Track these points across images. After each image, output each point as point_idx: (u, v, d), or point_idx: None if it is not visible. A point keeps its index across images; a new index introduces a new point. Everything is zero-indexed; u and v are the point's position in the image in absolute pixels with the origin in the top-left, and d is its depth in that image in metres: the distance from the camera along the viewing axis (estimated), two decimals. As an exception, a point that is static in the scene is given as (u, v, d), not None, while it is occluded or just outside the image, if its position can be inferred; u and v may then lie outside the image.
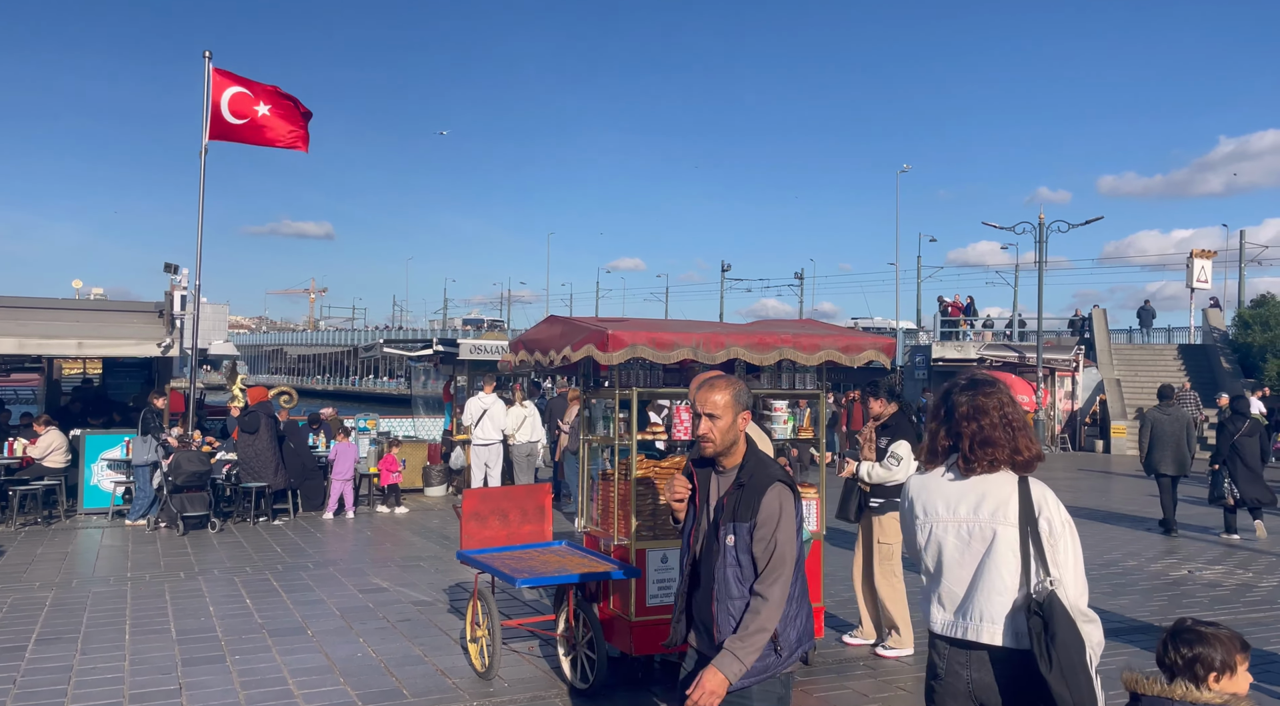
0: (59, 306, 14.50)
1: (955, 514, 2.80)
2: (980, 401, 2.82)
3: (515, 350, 6.96)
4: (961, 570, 2.78)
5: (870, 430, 6.59)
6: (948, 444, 2.86)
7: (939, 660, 2.81)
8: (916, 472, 3.00)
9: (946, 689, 2.78)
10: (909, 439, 6.46)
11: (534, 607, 7.55)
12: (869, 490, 6.45)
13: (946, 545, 2.80)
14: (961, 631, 2.75)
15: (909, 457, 6.33)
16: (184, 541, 10.50)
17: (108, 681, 5.64)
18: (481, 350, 15.50)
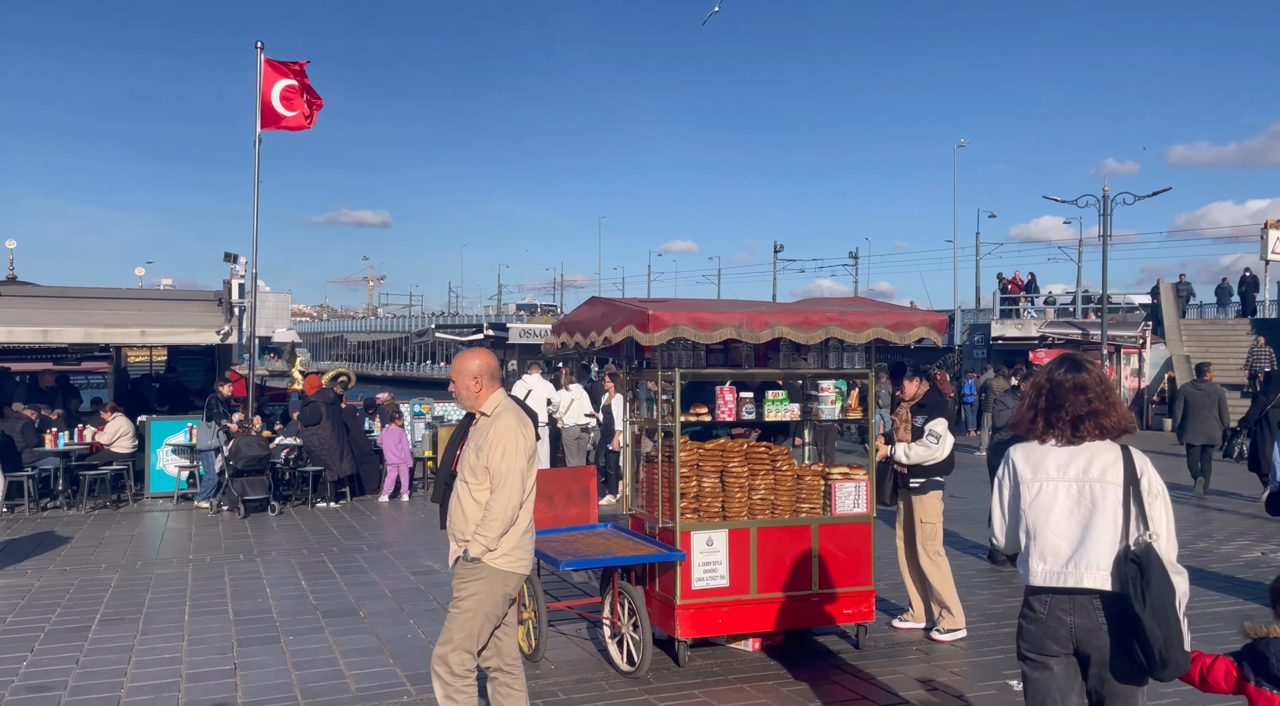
0: (124, 296, 14.92)
1: (1066, 474, 3.15)
2: (1083, 378, 3.22)
3: (558, 333, 6.92)
4: (1071, 525, 3.11)
5: (906, 410, 6.42)
6: (1054, 416, 3.20)
7: (1040, 608, 3.12)
8: (1013, 441, 3.32)
9: (1047, 632, 3.11)
10: (946, 416, 6.28)
11: (582, 590, 7.55)
12: (906, 471, 6.29)
13: (1057, 503, 3.14)
14: (1073, 580, 3.07)
15: (948, 434, 6.15)
16: (244, 524, 10.75)
17: (165, 661, 5.78)
18: (531, 334, 15.63)
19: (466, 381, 4.15)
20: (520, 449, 4.01)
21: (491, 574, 4.02)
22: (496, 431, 4.01)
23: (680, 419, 5.77)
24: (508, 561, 4.04)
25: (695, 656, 5.80)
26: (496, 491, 3.97)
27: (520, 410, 4.22)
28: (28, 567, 8.43)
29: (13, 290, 14.34)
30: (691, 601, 5.62)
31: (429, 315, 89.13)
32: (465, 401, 4.19)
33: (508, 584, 4.06)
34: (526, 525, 4.13)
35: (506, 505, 3.96)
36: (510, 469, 3.96)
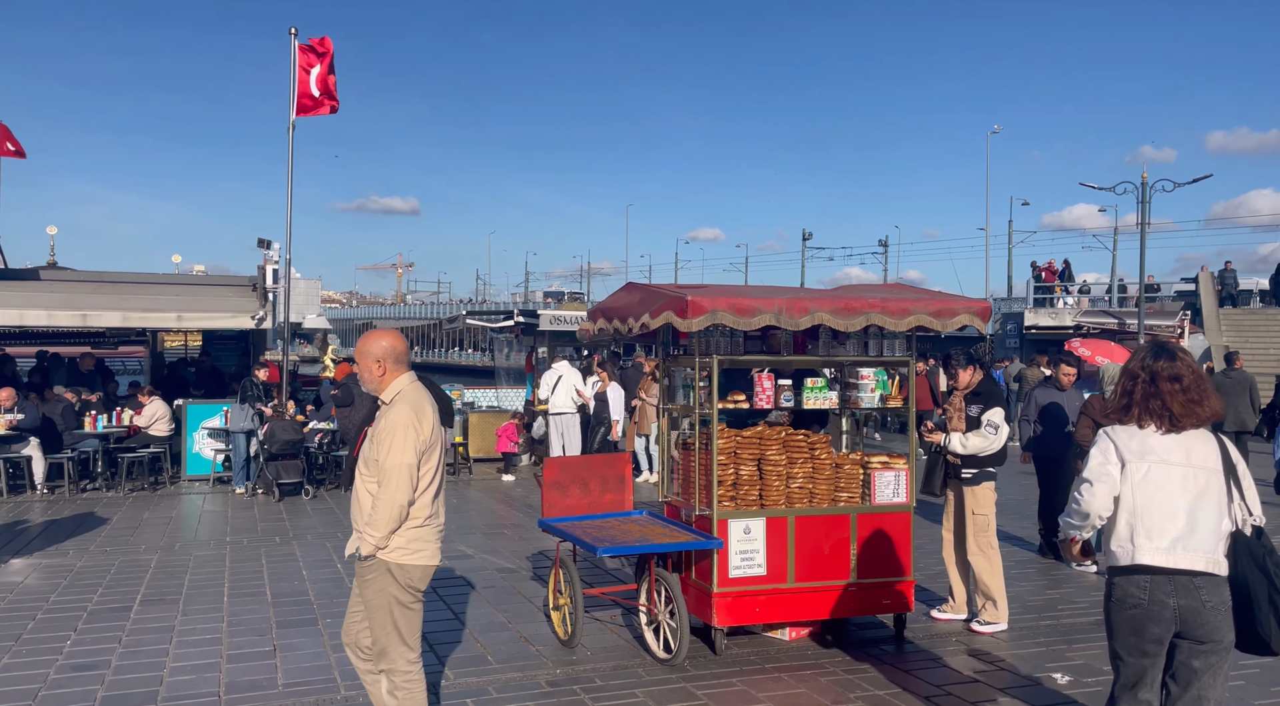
0: (160, 281, 15.11)
1: (1172, 458, 3.24)
2: (1178, 367, 3.30)
3: (593, 319, 6.88)
4: (1180, 508, 3.20)
5: (959, 399, 6.31)
6: (1152, 404, 3.29)
7: (1138, 593, 3.22)
8: (1106, 426, 3.40)
9: (1150, 616, 3.21)
10: (1002, 405, 6.17)
11: (616, 576, 7.54)
12: (958, 461, 6.20)
13: (1168, 485, 3.22)
14: (1185, 562, 3.17)
15: (1004, 425, 6.05)
16: (279, 507, 10.85)
17: (206, 642, 5.84)
18: (561, 321, 15.56)
19: (369, 364, 3.90)
20: (409, 443, 3.71)
21: (389, 568, 3.80)
22: (387, 422, 3.78)
23: (718, 406, 5.72)
24: (404, 554, 3.80)
25: (732, 644, 5.77)
26: (382, 488, 3.72)
27: (422, 398, 3.89)
28: (69, 548, 8.56)
29: (53, 275, 14.55)
30: (729, 589, 5.58)
31: (457, 302, 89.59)
32: (368, 386, 3.96)
33: (408, 575, 3.83)
34: (428, 516, 3.86)
35: (392, 503, 3.70)
36: (396, 465, 3.70)
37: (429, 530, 3.87)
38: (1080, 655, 5.66)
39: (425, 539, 3.85)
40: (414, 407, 3.79)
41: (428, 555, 3.88)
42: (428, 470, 3.82)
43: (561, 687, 5.10)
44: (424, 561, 3.86)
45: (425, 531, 3.84)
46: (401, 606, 3.84)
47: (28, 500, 11.15)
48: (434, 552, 3.92)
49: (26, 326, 13.09)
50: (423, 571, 3.87)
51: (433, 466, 3.85)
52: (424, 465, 3.79)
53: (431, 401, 3.91)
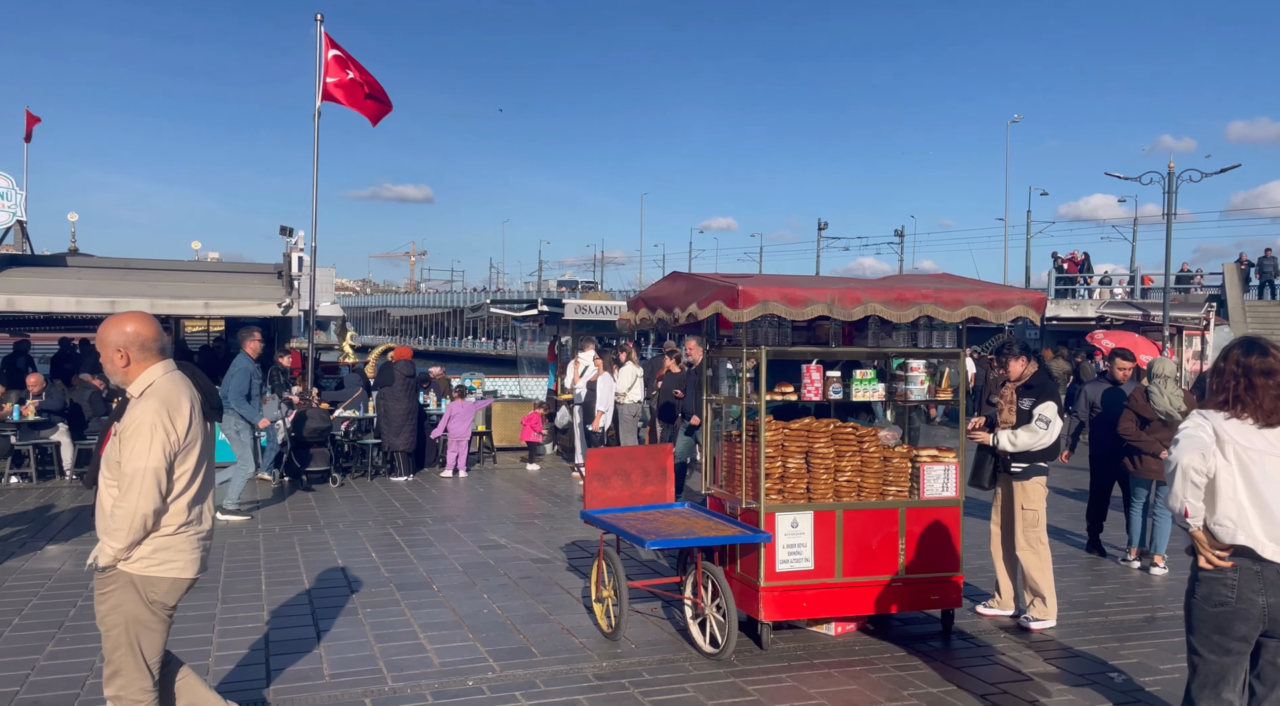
0: (184, 268, 15.11)
1: (1271, 451, 3.21)
2: (1270, 362, 3.26)
3: (635, 308, 6.81)
4: (1275, 501, 3.17)
5: (1011, 392, 6.21)
6: (1250, 398, 3.24)
7: (1225, 590, 3.18)
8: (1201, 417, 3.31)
9: (1238, 614, 3.17)
10: (1055, 398, 6.07)
11: (651, 568, 7.49)
12: (1009, 454, 6.10)
13: (1267, 478, 3.18)
14: None
15: (1058, 419, 5.94)
16: (308, 495, 10.84)
17: (248, 630, 5.82)
18: (586, 310, 15.47)
19: (109, 354, 3.43)
20: (155, 444, 3.26)
21: (131, 581, 3.39)
22: (131, 420, 3.31)
23: (766, 397, 5.64)
24: (148, 565, 3.38)
25: (778, 639, 5.70)
26: (123, 495, 3.28)
27: (177, 391, 3.42)
28: (103, 534, 8.56)
29: (78, 261, 14.56)
30: (775, 584, 5.51)
31: (471, 290, 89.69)
32: (114, 378, 3.49)
33: (153, 590, 3.41)
34: (182, 524, 3.44)
35: (134, 512, 3.27)
36: (140, 469, 3.25)
37: (183, 539, 3.44)
38: (1134, 652, 5.57)
39: (178, 549, 3.42)
40: (165, 402, 3.34)
41: (179, 567, 3.44)
42: (184, 472, 3.41)
43: (609, 681, 5.05)
44: (174, 574, 3.42)
45: (178, 540, 3.42)
46: (142, 625, 3.40)
47: (57, 486, 11.18)
48: (188, 564, 3.47)
49: (54, 313, 13.12)
50: (171, 585, 3.43)
51: (190, 467, 3.43)
52: (179, 466, 3.39)
53: (191, 394, 3.48)
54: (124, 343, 3.40)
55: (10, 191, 12.62)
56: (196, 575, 3.51)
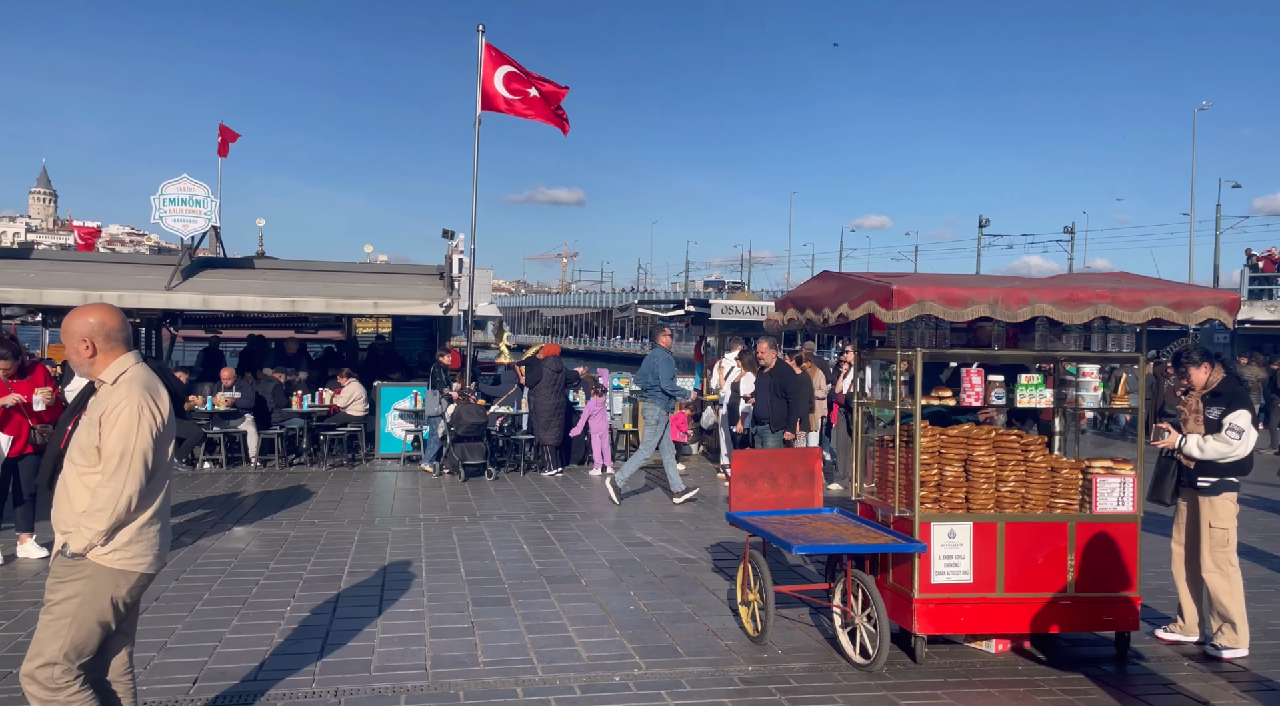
0: (356, 270, 16.07)
1: None
2: None
3: (783, 308, 6.70)
4: None
5: (1196, 400, 5.71)
6: None
7: None
8: None
9: None
10: (1248, 407, 5.54)
11: (798, 573, 7.36)
12: (1194, 467, 5.61)
13: None
14: None
15: (1250, 429, 5.42)
16: (465, 487, 11.30)
17: (409, 615, 6.11)
18: (733, 310, 15.41)
19: (74, 345, 3.41)
20: (143, 426, 3.29)
21: (98, 573, 3.31)
22: (114, 403, 3.31)
23: (921, 402, 5.43)
24: (120, 558, 3.34)
25: (933, 653, 5.47)
26: (109, 476, 3.27)
27: (154, 380, 3.46)
28: (282, 518, 9.21)
29: (265, 264, 15.75)
30: (930, 596, 5.29)
31: (619, 291, 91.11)
32: (79, 370, 3.48)
33: (119, 586, 3.36)
34: (152, 515, 3.42)
35: (119, 493, 3.26)
36: (128, 450, 3.26)
37: (152, 533, 3.44)
38: (1342, 693, 5.01)
39: (149, 542, 3.43)
40: (147, 387, 3.38)
41: (147, 563, 3.43)
42: (160, 459, 3.42)
43: (755, 686, 4.99)
44: (141, 568, 3.41)
45: (149, 533, 3.42)
46: (94, 623, 3.33)
47: (243, 472, 12.13)
48: (154, 560, 3.46)
49: (243, 311, 14.25)
50: (138, 581, 3.43)
51: (162, 460, 3.44)
52: (161, 454, 3.42)
53: (163, 385, 3.51)
54: (89, 333, 3.40)
55: (206, 199, 13.78)
56: (156, 572, 3.49)
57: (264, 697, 4.66)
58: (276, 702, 4.60)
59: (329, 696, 4.70)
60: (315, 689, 4.79)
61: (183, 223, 13.69)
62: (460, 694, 4.77)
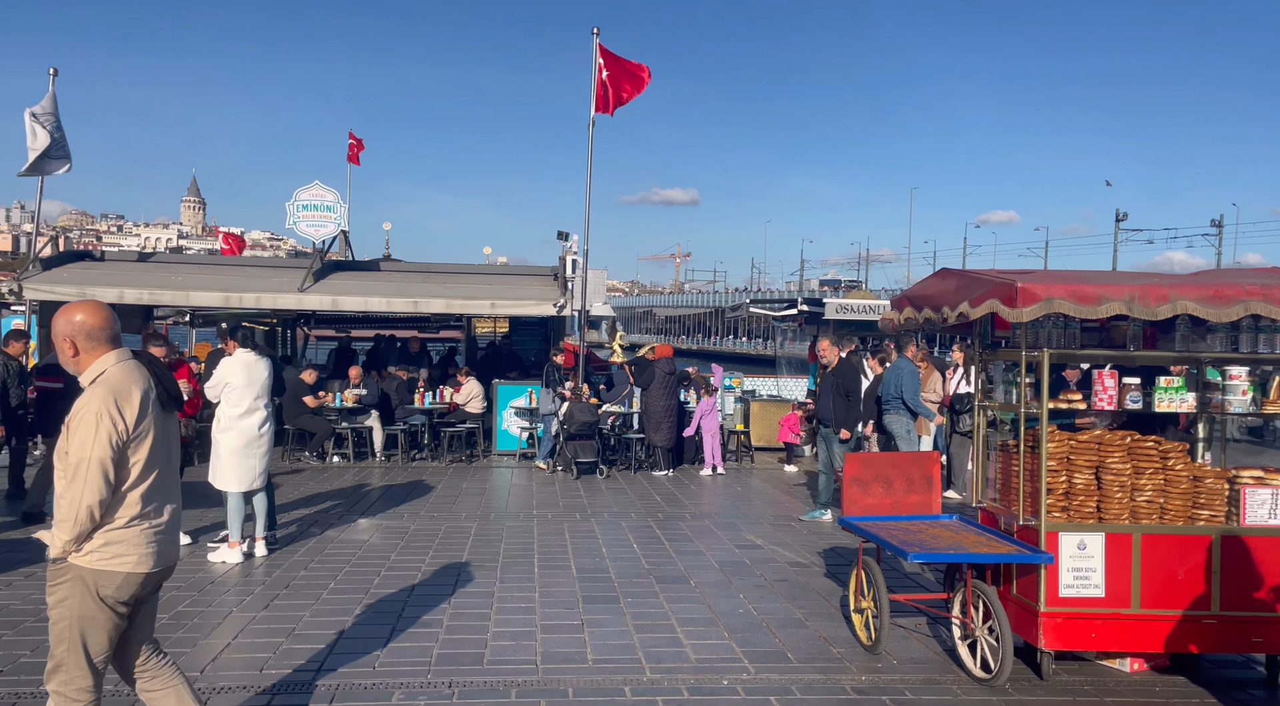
0: (474, 271, 16.50)
1: None
2: None
3: (899, 307, 6.49)
4: None
5: None
6: None
7: None
8: None
9: None
10: None
11: (914, 581, 7.12)
12: None
13: None
14: None
15: None
16: (577, 485, 11.45)
17: (521, 609, 6.22)
18: (848, 309, 15.08)
19: (59, 344, 3.37)
20: (101, 434, 3.17)
21: (80, 574, 3.27)
22: (77, 410, 3.24)
23: (1048, 405, 5.15)
24: (98, 558, 3.27)
25: (1060, 670, 5.19)
26: (68, 485, 3.20)
27: (128, 380, 3.33)
28: (403, 511, 9.55)
29: (390, 266, 16.37)
30: (1058, 610, 5.01)
31: (732, 290, 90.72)
32: (69, 369, 3.43)
33: (104, 585, 3.28)
34: (134, 516, 3.32)
35: (78, 502, 3.18)
36: (84, 459, 3.17)
37: (135, 532, 3.33)
38: None
39: (131, 542, 3.32)
40: (114, 391, 3.26)
41: (132, 561, 3.32)
42: (136, 462, 3.31)
43: (869, 696, 4.84)
44: (126, 568, 3.30)
45: (130, 534, 3.31)
46: (89, 621, 3.30)
47: (369, 466, 12.64)
48: (142, 558, 3.34)
49: (369, 312, 14.85)
50: (124, 580, 3.31)
51: (143, 458, 3.32)
52: (132, 456, 3.30)
53: (146, 384, 3.39)
54: (71, 332, 3.35)
55: (336, 205, 14.46)
56: (153, 570, 3.39)
57: (383, 687, 4.82)
58: (394, 692, 4.75)
59: (443, 687, 4.83)
60: (431, 679, 4.93)
61: (314, 227, 14.39)
62: (569, 690, 4.82)
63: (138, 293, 12.84)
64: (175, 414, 3.55)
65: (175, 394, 3.53)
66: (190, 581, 6.72)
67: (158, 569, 3.41)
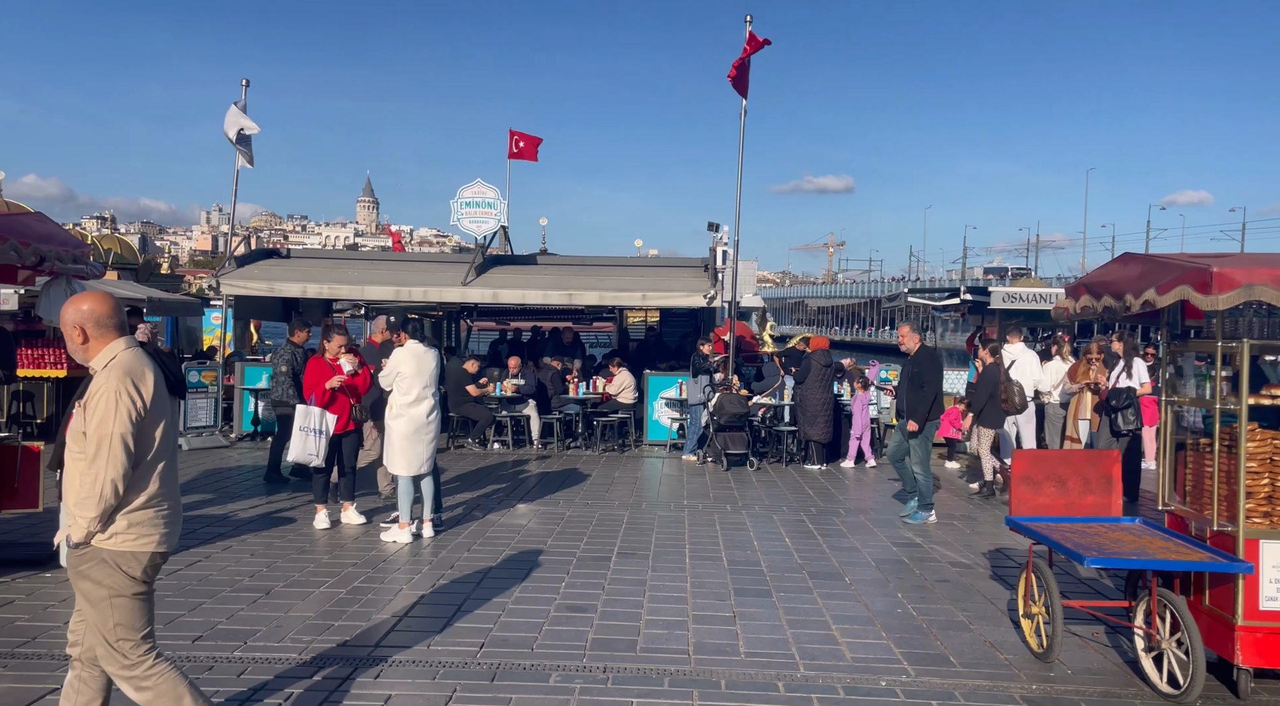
0: (626, 264, 16.73)
1: None
2: None
3: (1075, 295, 6.08)
4: None
5: None
6: None
7: None
8: None
9: None
10: None
11: (1090, 587, 6.68)
12: None
13: None
14: None
15: None
16: (727, 477, 11.41)
17: (673, 599, 6.25)
18: (1016, 298, 14.27)
19: (68, 332, 3.47)
20: (120, 411, 3.30)
21: (108, 558, 3.38)
22: (94, 389, 3.36)
23: (1248, 401, 4.69)
24: (123, 540, 3.38)
25: (1260, 689, 4.74)
26: (90, 462, 3.32)
27: (140, 364, 3.45)
28: (559, 498, 9.81)
29: (547, 260, 16.84)
30: (1259, 624, 4.58)
31: (889, 280, 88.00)
32: (76, 356, 3.52)
33: (133, 566, 3.41)
34: (152, 495, 3.44)
35: (101, 478, 3.29)
36: (105, 435, 3.29)
37: (153, 513, 3.46)
38: None
39: (150, 523, 3.45)
40: (129, 372, 3.39)
41: (155, 540, 3.46)
42: (151, 442, 3.43)
43: (1039, 706, 4.58)
44: (150, 548, 3.44)
45: (149, 514, 3.45)
46: (126, 599, 3.42)
47: (526, 454, 13.06)
48: (164, 538, 3.49)
49: (527, 304, 15.34)
50: (149, 559, 3.45)
51: (158, 439, 3.45)
52: (148, 436, 3.42)
53: (155, 368, 3.51)
54: (80, 320, 3.47)
55: (497, 201, 14.98)
56: (169, 550, 3.53)
57: (541, 668, 4.96)
58: (551, 674, 4.89)
59: (598, 671, 4.92)
60: (586, 663, 5.03)
61: (476, 224, 14.97)
62: (721, 682, 4.81)
63: (319, 287, 13.79)
64: (178, 400, 3.69)
65: (182, 384, 3.68)
66: (365, 558, 7.16)
67: (172, 549, 3.55)
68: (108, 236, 24.63)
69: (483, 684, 4.73)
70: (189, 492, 9.43)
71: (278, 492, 9.71)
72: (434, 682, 4.73)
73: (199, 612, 5.75)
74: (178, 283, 26.78)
